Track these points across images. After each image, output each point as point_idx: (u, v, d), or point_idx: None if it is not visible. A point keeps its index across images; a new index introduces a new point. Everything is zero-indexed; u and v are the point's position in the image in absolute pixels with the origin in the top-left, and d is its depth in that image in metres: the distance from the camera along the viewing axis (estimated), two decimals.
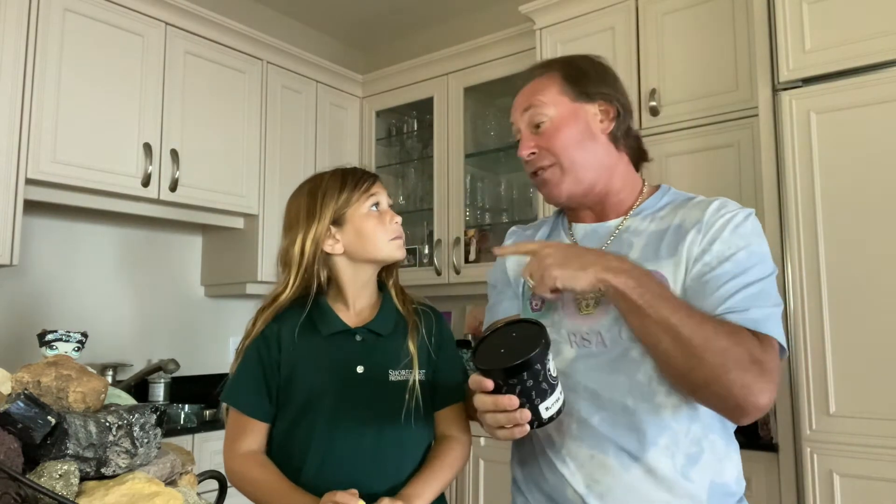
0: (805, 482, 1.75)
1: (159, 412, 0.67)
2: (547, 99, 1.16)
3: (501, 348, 0.94)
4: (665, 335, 0.95)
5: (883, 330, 1.68)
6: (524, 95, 1.19)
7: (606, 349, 1.07)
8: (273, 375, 1.19)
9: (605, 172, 1.16)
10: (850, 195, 1.75)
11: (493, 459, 2.46)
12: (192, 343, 2.93)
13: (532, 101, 1.17)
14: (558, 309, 1.12)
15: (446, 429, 1.27)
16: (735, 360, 0.93)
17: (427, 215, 3.27)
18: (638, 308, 0.95)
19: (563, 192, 1.15)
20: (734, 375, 0.93)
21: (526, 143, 1.17)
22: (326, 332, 1.20)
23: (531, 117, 1.16)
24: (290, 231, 1.24)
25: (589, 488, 1.03)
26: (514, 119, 1.20)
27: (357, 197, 1.22)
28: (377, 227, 1.22)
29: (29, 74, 2.23)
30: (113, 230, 2.80)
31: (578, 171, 1.13)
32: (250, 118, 2.91)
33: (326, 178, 1.25)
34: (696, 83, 2.31)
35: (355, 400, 1.17)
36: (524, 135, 1.18)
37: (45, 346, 0.92)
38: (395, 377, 1.20)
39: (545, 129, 1.15)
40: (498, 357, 0.92)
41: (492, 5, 3.36)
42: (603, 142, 1.16)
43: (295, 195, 1.28)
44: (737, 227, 1.05)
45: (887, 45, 1.73)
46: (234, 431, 1.19)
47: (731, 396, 0.94)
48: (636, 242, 1.12)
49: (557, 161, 1.13)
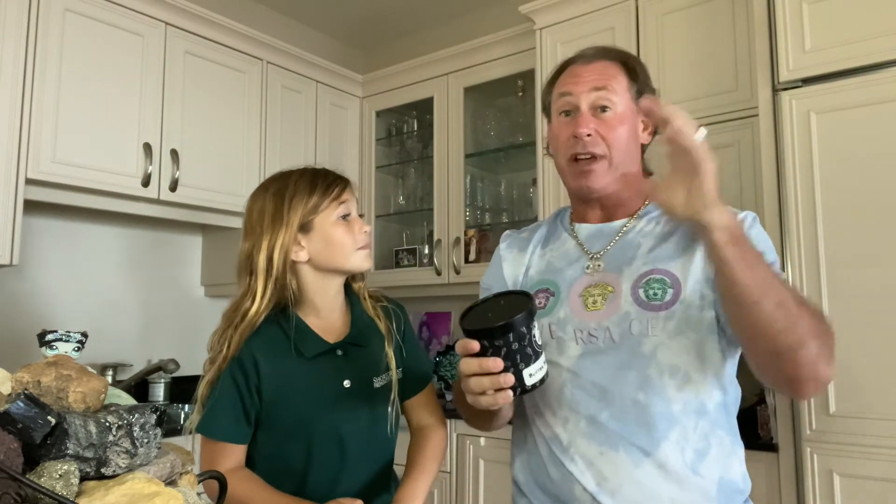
0: (805, 482, 1.75)
1: (159, 412, 0.67)
2: (619, 87, 1.12)
3: (489, 313, 0.95)
4: (772, 292, 0.89)
5: (883, 330, 1.68)
6: (594, 73, 1.13)
7: (615, 345, 1.06)
8: (252, 402, 1.14)
9: (634, 179, 1.16)
10: (850, 195, 1.75)
11: (493, 459, 2.46)
12: (192, 343, 2.92)
13: (605, 83, 1.12)
14: (563, 306, 1.12)
15: (421, 417, 1.27)
16: (819, 329, 0.92)
17: (427, 215, 3.27)
18: (753, 262, 0.89)
19: (604, 187, 1.12)
20: (816, 343, 0.91)
21: (587, 122, 1.10)
22: (309, 353, 1.16)
23: (598, 99, 1.11)
24: (252, 234, 1.18)
25: (599, 485, 1.02)
26: (573, 90, 1.13)
27: (327, 204, 1.16)
28: (345, 236, 1.16)
29: (29, 74, 2.23)
30: (113, 230, 2.80)
31: (621, 170, 1.13)
32: (250, 118, 2.91)
33: (294, 179, 1.18)
34: (696, 83, 2.31)
35: (346, 413, 1.17)
36: (584, 113, 1.11)
37: (45, 346, 0.92)
38: (378, 383, 1.21)
39: (609, 117, 1.11)
40: (485, 320, 0.93)
41: (492, 5, 3.36)
42: (637, 150, 1.16)
43: (258, 195, 1.21)
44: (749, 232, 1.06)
45: (887, 45, 1.73)
46: (211, 456, 1.14)
47: (809, 364, 0.92)
48: (643, 242, 1.13)
49: (608, 154, 1.10)
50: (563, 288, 1.14)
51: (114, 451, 0.61)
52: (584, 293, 1.11)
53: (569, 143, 1.12)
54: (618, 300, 1.08)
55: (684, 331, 1.04)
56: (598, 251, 1.15)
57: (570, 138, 1.11)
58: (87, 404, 0.65)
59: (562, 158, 1.15)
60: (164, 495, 0.58)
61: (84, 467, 0.59)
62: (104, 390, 0.68)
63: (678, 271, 1.07)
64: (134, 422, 0.63)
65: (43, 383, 0.64)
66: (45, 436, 0.57)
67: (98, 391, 0.66)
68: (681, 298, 1.05)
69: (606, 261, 1.14)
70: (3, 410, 0.56)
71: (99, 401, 0.67)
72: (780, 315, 0.89)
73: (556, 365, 1.10)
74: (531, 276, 1.21)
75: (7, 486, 0.52)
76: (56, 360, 0.68)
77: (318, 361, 1.18)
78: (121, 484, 0.58)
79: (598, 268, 1.13)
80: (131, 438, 0.62)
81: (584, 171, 1.12)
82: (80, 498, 0.57)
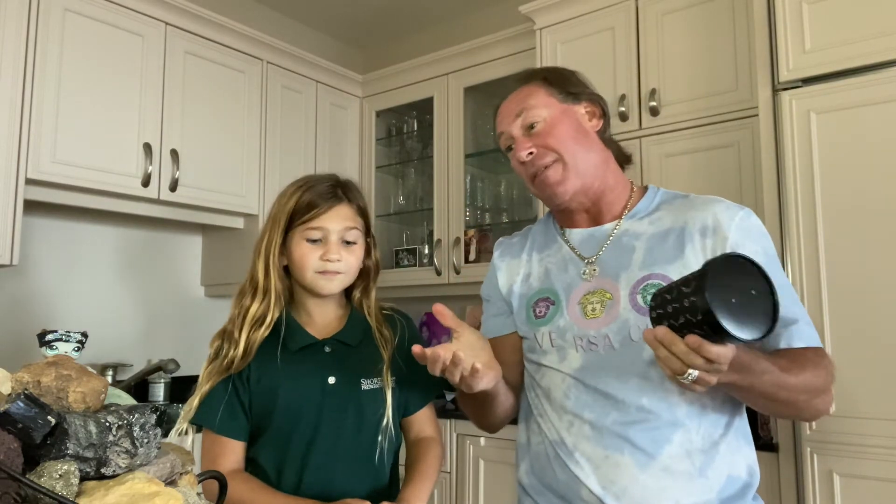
0: (805, 482, 1.75)
1: (159, 412, 0.67)
2: (537, 102, 1.16)
3: (733, 297, 0.79)
4: (778, 392, 0.98)
5: (883, 330, 1.68)
6: (512, 103, 1.19)
7: (616, 352, 1.07)
8: (244, 391, 1.18)
9: (601, 168, 1.17)
10: (850, 195, 1.75)
11: (493, 459, 2.46)
12: (192, 343, 2.93)
13: (523, 106, 1.16)
14: (563, 314, 1.13)
15: (421, 430, 1.29)
16: (815, 391, 1.02)
17: (427, 215, 3.27)
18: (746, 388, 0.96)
19: (568, 190, 1.14)
20: (815, 402, 1.03)
21: (522, 145, 1.15)
22: (294, 346, 1.20)
23: (524, 121, 1.16)
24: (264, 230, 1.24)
25: (605, 488, 1.03)
26: (504, 128, 1.19)
27: (297, 225, 1.20)
28: (305, 257, 1.19)
29: (29, 74, 2.23)
30: (113, 230, 2.80)
31: (580, 164, 1.13)
32: (250, 118, 2.91)
33: (289, 192, 1.23)
34: (696, 83, 2.31)
35: (329, 410, 1.17)
36: (519, 138, 1.16)
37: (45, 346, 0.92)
38: (367, 386, 1.21)
39: (540, 129, 1.14)
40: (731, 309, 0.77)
41: (492, 5, 3.36)
42: (594, 139, 1.18)
43: (281, 193, 1.27)
44: (749, 230, 1.08)
45: (887, 45, 1.73)
46: (211, 455, 1.16)
47: (810, 415, 1.09)
48: (637, 245, 1.12)
49: (559, 156, 1.13)
50: (563, 296, 1.15)
51: (114, 451, 0.61)
52: (583, 300, 1.12)
53: (522, 170, 1.17)
54: (616, 307, 1.08)
55: None
56: (592, 256, 1.16)
57: (520, 165, 1.16)
58: (87, 404, 0.65)
59: (528, 185, 1.19)
60: (164, 495, 0.58)
61: (84, 467, 0.59)
62: (104, 390, 0.68)
63: (676, 275, 1.06)
64: (134, 422, 0.63)
65: (43, 383, 0.64)
66: (45, 436, 0.57)
67: (98, 391, 0.66)
68: None
69: (601, 265, 1.14)
70: (3, 410, 0.55)
71: (99, 401, 0.67)
72: (783, 402, 1.00)
73: (559, 372, 1.11)
74: (532, 283, 1.21)
75: (7, 486, 0.52)
76: (56, 360, 0.67)
77: (305, 355, 1.20)
78: (121, 484, 0.58)
79: (594, 273, 1.14)
80: (131, 438, 0.62)
81: (542, 181, 1.15)
82: (80, 498, 0.57)
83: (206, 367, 1.20)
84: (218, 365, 1.18)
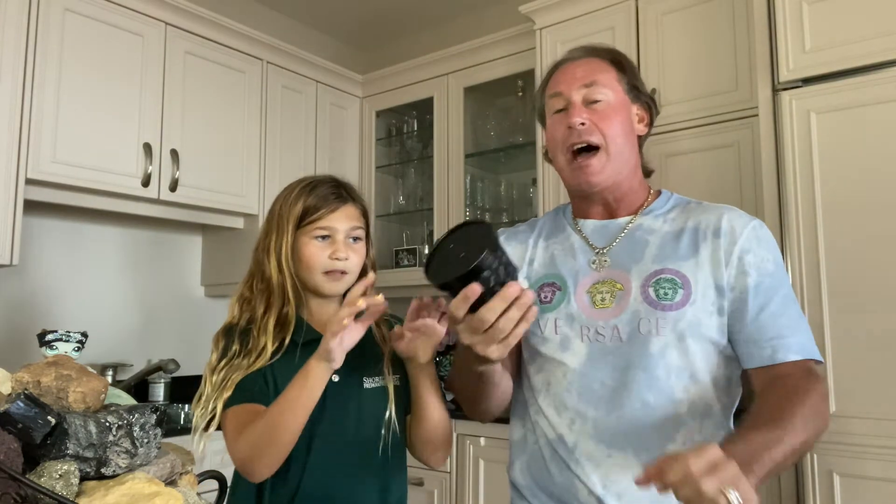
0: (805, 482, 1.75)
1: (159, 412, 0.67)
2: (607, 81, 1.14)
3: (449, 257, 0.91)
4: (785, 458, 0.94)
5: (883, 330, 1.68)
6: (582, 69, 1.16)
7: (623, 344, 1.06)
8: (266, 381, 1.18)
9: (633, 170, 1.17)
10: (850, 195, 1.75)
11: (493, 459, 2.46)
12: (192, 343, 2.93)
13: (594, 78, 1.14)
14: (571, 302, 1.12)
15: None
16: (815, 431, 1.00)
17: (427, 215, 3.27)
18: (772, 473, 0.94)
19: (604, 180, 1.13)
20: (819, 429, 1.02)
21: (578, 111, 1.12)
22: (300, 340, 1.20)
23: (589, 93, 1.13)
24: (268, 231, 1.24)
25: (606, 488, 1.02)
26: (564, 89, 1.15)
27: (304, 225, 1.21)
28: (313, 256, 1.20)
29: (29, 74, 2.23)
30: (113, 230, 2.80)
31: (619, 160, 1.13)
32: (250, 118, 2.91)
33: (295, 192, 1.23)
34: (696, 83, 2.31)
35: (332, 408, 1.17)
36: (576, 105, 1.13)
37: (45, 346, 0.92)
38: (369, 384, 1.22)
39: (600, 108, 1.13)
40: (459, 261, 0.88)
41: (492, 5, 3.36)
42: (636, 142, 1.18)
43: (280, 194, 1.27)
44: (760, 239, 1.08)
45: (887, 45, 1.73)
46: (237, 424, 1.14)
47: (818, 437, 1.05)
48: (651, 240, 1.12)
49: (604, 145, 1.11)
50: (570, 282, 1.14)
51: (114, 451, 0.61)
52: (592, 290, 1.11)
53: (565, 135, 1.13)
54: (627, 298, 1.08)
55: (693, 333, 1.04)
56: (604, 247, 1.15)
57: (566, 130, 1.13)
58: (87, 404, 0.65)
59: (560, 155, 1.15)
60: (164, 495, 0.58)
61: (84, 467, 0.59)
62: (104, 390, 0.68)
63: (689, 272, 1.07)
64: (134, 422, 0.63)
65: (43, 383, 0.64)
66: (45, 436, 0.57)
67: (98, 391, 0.66)
68: (691, 300, 1.05)
69: (612, 257, 1.13)
70: (3, 410, 0.56)
71: (99, 401, 0.67)
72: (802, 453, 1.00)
73: (562, 364, 1.09)
74: (535, 268, 1.20)
75: (7, 486, 0.52)
76: (56, 360, 0.68)
77: (309, 351, 1.19)
78: (121, 484, 0.58)
79: (605, 263, 1.13)
80: (131, 438, 0.62)
81: (581, 165, 1.12)
82: (80, 498, 0.57)
83: (217, 365, 1.20)
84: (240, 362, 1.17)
